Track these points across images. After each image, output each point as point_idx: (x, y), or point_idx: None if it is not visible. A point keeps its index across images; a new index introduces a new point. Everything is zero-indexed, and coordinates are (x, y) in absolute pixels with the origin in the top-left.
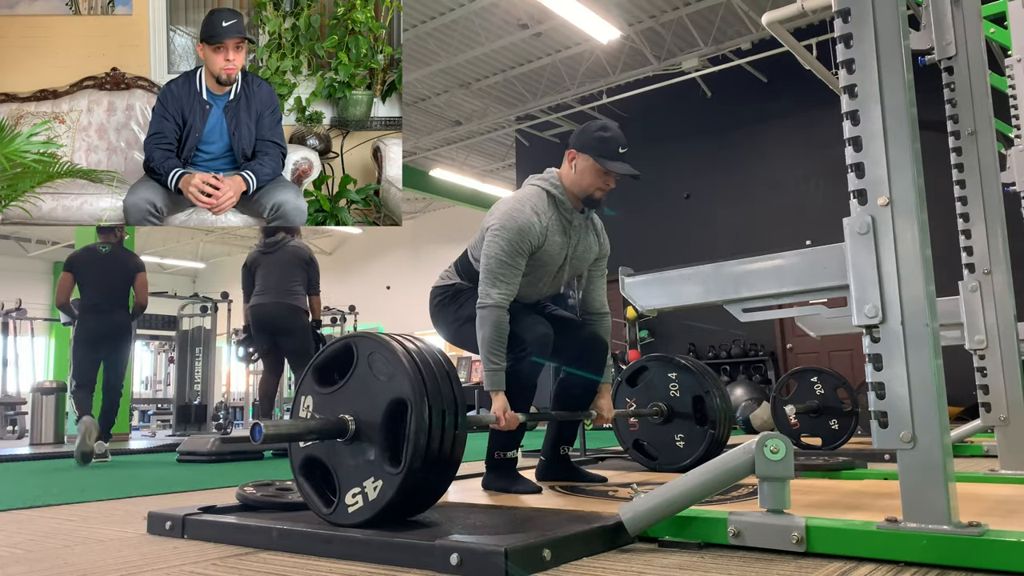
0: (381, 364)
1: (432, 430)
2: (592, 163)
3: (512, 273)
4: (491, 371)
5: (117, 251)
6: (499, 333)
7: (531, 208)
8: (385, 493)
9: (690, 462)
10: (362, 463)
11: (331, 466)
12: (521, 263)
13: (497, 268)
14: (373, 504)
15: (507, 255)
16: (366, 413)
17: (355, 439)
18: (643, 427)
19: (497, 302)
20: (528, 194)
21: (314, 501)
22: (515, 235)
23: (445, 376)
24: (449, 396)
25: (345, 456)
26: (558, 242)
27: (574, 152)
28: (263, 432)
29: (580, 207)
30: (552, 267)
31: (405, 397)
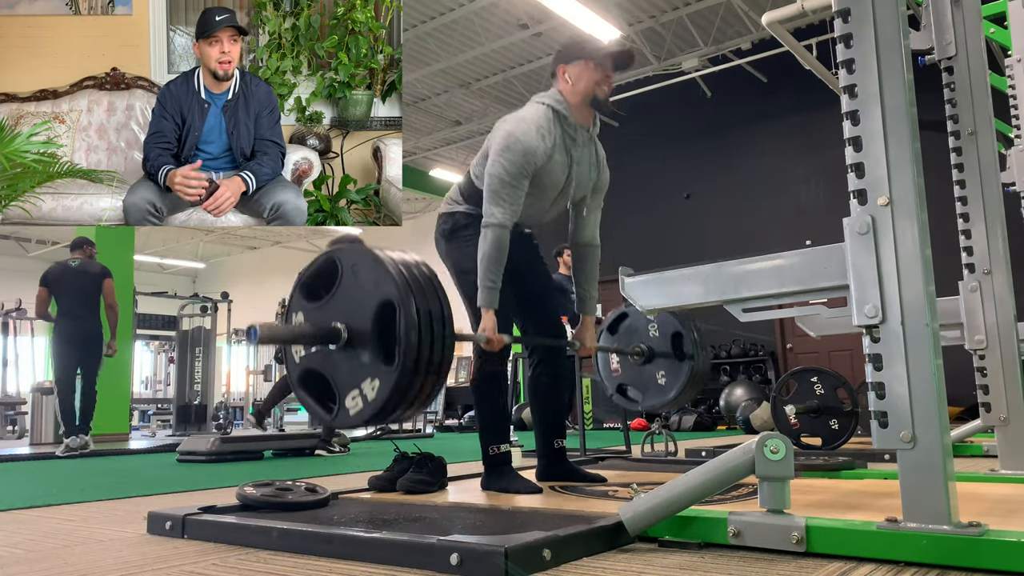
0: (366, 272)
1: (421, 327)
2: (583, 64)
3: (515, 193)
4: (487, 288)
5: (86, 264)
6: (499, 252)
7: (536, 128)
8: (383, 391)
9: (673, 396)
10: (357, 367)
11: (328, 375)
12: (524, 183)
13: (501, 188)
14: (373, 403)
15: (511, 176)
16: (356, 320)
17: (348, 345)
18: (625, 371)
19: (500, 222)
20: (533, 114)
21: (316, 409)
22: (519, 156)
23: (428, 279)
24: (434, 296)
25: (340, 363)
26: (560, 161)
27: (563, 66)
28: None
29: (587, 121)
30: (555, 187)
31: (392, 299)
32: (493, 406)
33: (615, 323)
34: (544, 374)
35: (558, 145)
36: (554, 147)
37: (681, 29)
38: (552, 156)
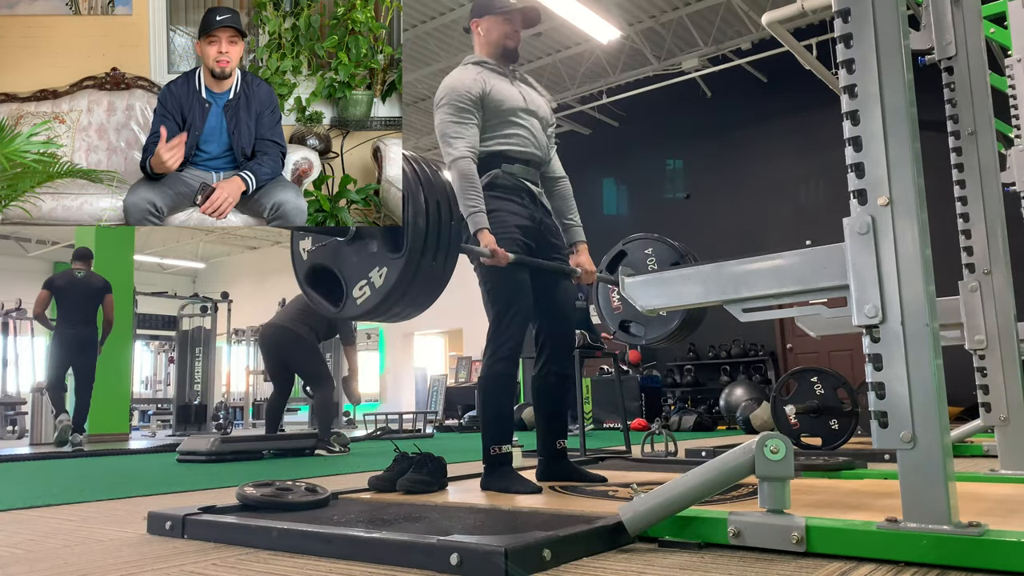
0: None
1: (429, 214)
2: (492, 19)
3: (463, 127)
4: (472, 213)
5: (90, 276)
6: (468, 180)
7: (459, 73)
8: (390, 278)
9: (675, 326)
10: (365, 257)
11: (336, 268)
12: (471, 117)
13: (448, 130)
14: (380, 290)
15: (452, 114)
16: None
17: (356, 238)
18: (626, 308)
19: (457, 155)
20: (455, 70)
21: (323, 304)
22: (452, 95)
23: (438, 179)
24: (441, 187)
25: (348, 255)
26: (506, 87)
27: (474, 21)
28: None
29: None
30: (517, 107)
31: (403, 191)
32: (498, 406)
33: (614, 261)
34: (551, 374)
35: (494, 79)
36: (487, 80)
37: (681, 29)
38: (490, 84)
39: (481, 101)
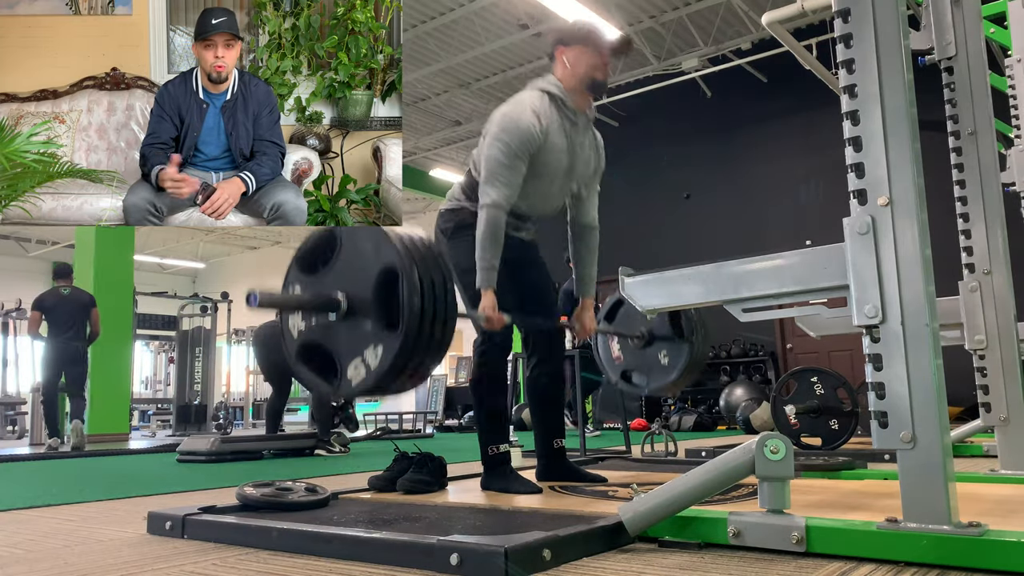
0: (366, 243)
1: (424, 292)
2: (581, 48)
3: (512, 175)
4: (484, 268)
5: (75, 292)
6: (496, 232)
7: (531, 109)
8: (386, 358)
9: (677, 375)
10: (359, 336)
11: (328, 346)
12: (521, 166)
13: (497, 169)
14: (376, 371)
15: (506, 157)
16: (357, 289)
17: (348, 315)
18: (627, 358)
19: (495, 201)
20: (527, 96)
21: (316, 383)
22: (514, 136)
23: (429, 252)
24: (434, 263)
25: (341, 333)
26: (559, 145)
27: (562, 48)
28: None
29: (584, 106)
30: (558, 171)
31: (395, 265)
32: (492, 406)
33: (612, 310)
34: (543, 374)
35: (555, 128)
36: (550, 129)
37: (681, 29)
38: (549, 138)
39: (535, 153)
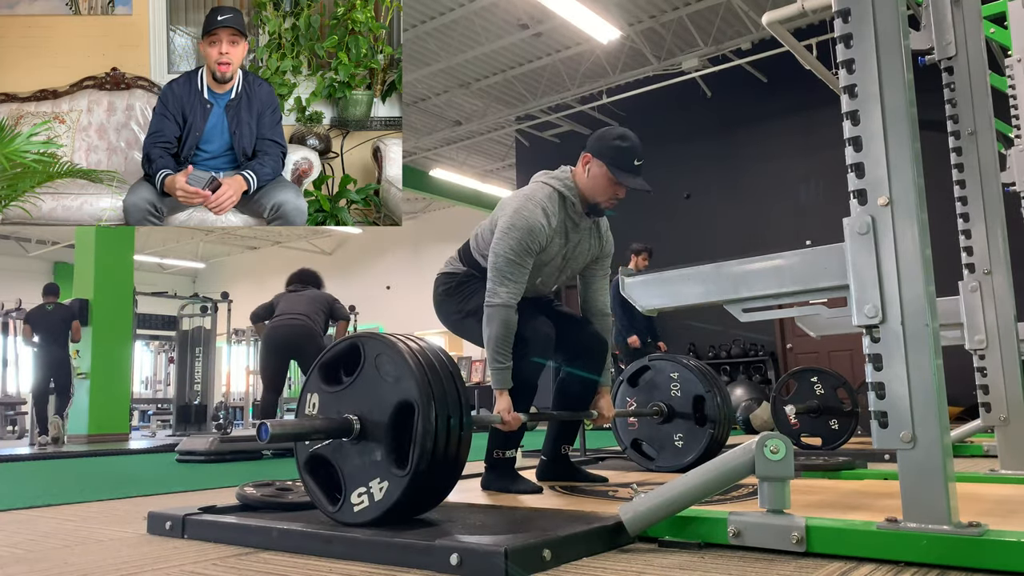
0: (388, 366)
1: (438, 433)
2: (605, 171)
3: (520, 272)
4: (497, 369)
5: (58, 308)
6: (507, 331)
7: (542, 209)
8: (391, 494)
9: (689, 461)
10: (368, 463)
11: (337, 465)
12: (529, 262)
13: (506, 267)
14: (379, 505)
15: (516, 254)
16: (372, 414)
17: (361, 439)
18: (642, 426)
19: (505, 301)
20: (540, 194)
21: (320, 499)
22: (525, 235)
23: (450, 378)
24: (455, 399)
25: (351, 455)
26: (558, 243)
27: (589, 156)
28: (269, 431)
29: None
30: (550, 266)
31: (412, 400)
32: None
33: (635, 376)
34: (576, 382)
35: (559, 228)
36: (556, 229)
37: (681, 29)
38: (552, 240)
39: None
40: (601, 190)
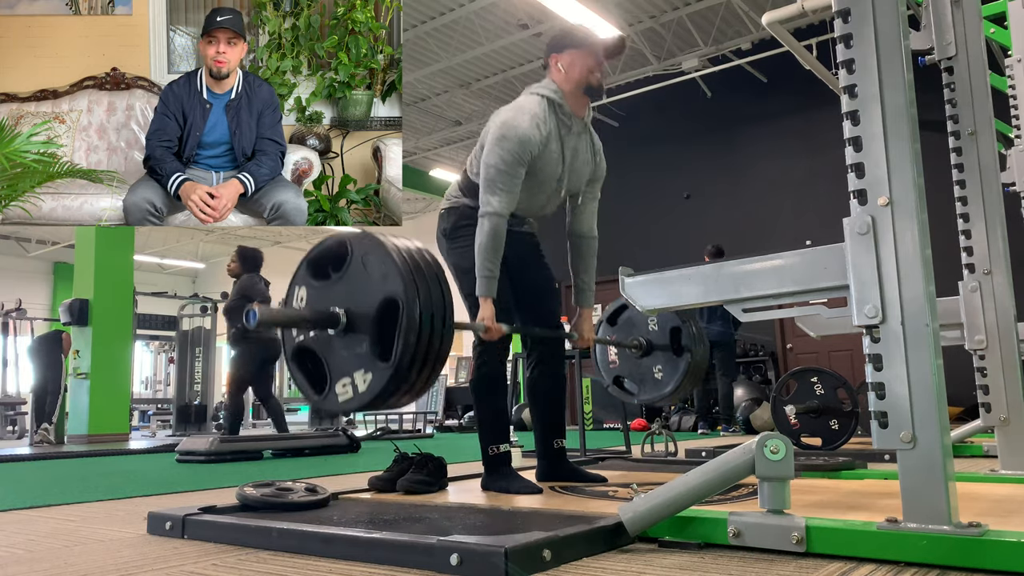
0: (375, 264)
1: (422, 329)
2: (575, 52)
3: (512, 182)
4: (485, 277)
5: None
6: (496, 241)
7: (531, 116)
8: (374, 386)
9: (669, 390)
10: (352, 355)
11: (323, 356)
12: (520, 172)
13: (497, 177)
14: (362, 396)
15: (507, 164)
16: (358, 308)
17: (347, 331)
18: (623, 363)
19: (496, 210)
20: (527, 103)
21: (306, 388)
22: (515, 144)
23: (435, 279)
24: (439, 298)
25: (337, 347)
26: (555, 151)
27: (555, 56)
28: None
29: (581, 110)
30: (552, 178)
31: (397, 297)
32: (492, 406)
33: (614, 315)
34: (543, 375)
35: (553, 135)
36: (549, 136)
37: (681, 29)
38: (547, 145)
39: (532, 160)
40: (582, 72)
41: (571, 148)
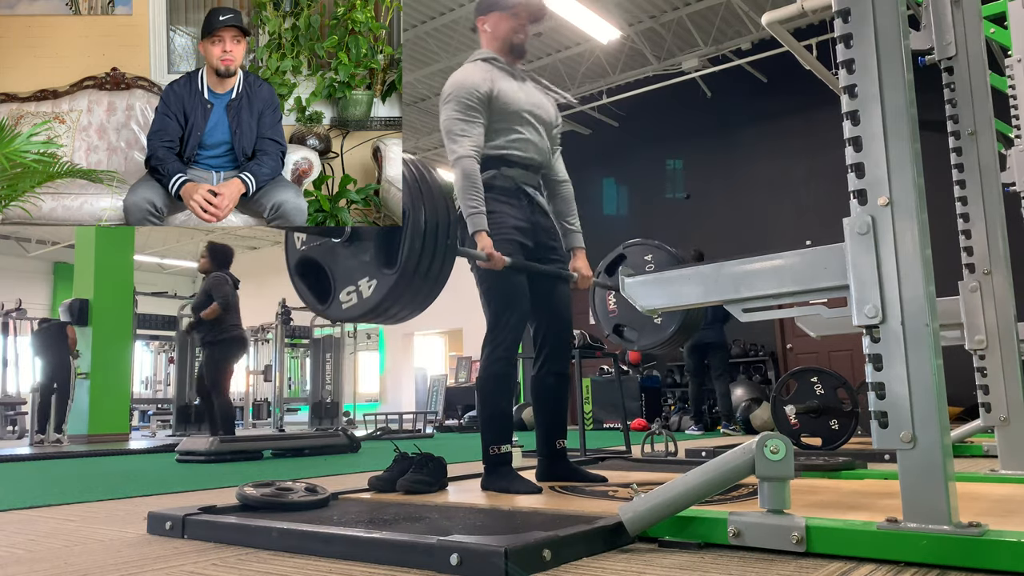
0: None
1: (426, 236)
2: (498, 15)
3: (470, 126)
4: (471, 214)
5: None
6: (471, 180)
7: (470, 68)
8: (379, 291)
9: (668, 335)
10: (357, 264)
11: (327, 267)
12: (478, 117)
13: (454, 127)
14: (366, 301)
15: (459, 112)
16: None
17: (352, 240)
18: (622, 312)
19: (462, 154)
20: (465, 65)
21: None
22: (459, 91)
23: (440, 191)
24: (443, 208)
25: (342, 257)
26: (513, 88)
27: (481, 18)
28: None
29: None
30: (523, 109)
31: (403, 204)
32: (497, 406)
33: (613, 264)
34: (549, 374)
35: (500, 78)
36: (494, 78)
37: (681, 29)
38: (496, 83)
39: (488, 100)
40: (507, 31)
41: (526, 85)
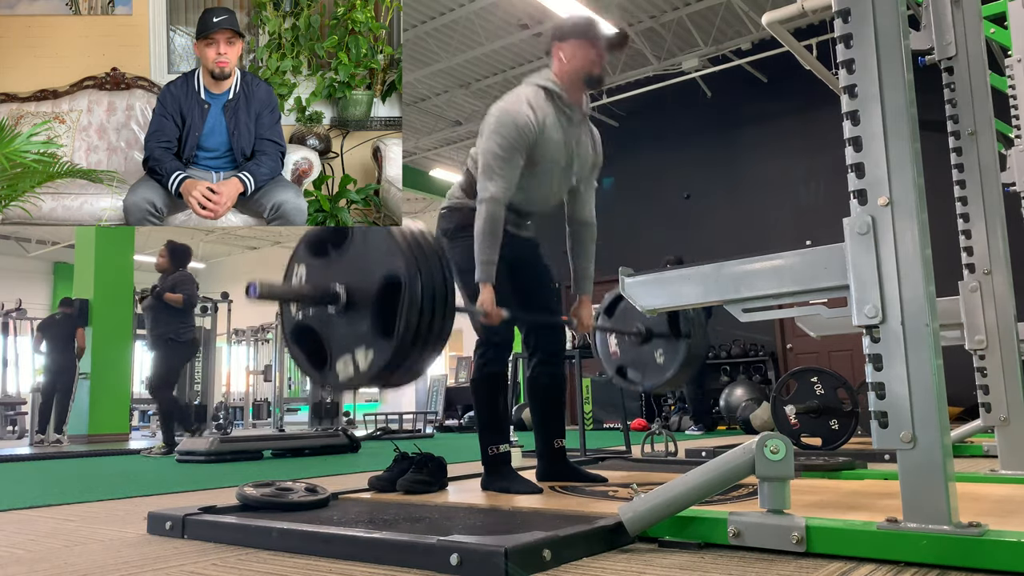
0: (376, 239)
1: (423, 306)
2: (577, 43)
3: (509, 168)
4: (483, 263)
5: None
6: (494, 226)
7: (526, 102)
8: (375, 364)
9: (671, 375)
10: (353, 333)
11: (322, 334)
12: (518, 159)
13: (493, 162)
14: (365, 372)
15: (503, 149)
16: (359, 286)
17: (346, 309)
18: (624, 354)
19: (493, 195)
20: (523, 91)
21: (306, 367)
22: (510, 129)
23: (436, 259)
24: (440, 278)
25: (336, 325)
26: (556, 139)
27: (557, 44)
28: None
29: (580, 100)
30: (556, 166)
31: (400, 275)
32: (493, 406)
33: (612, 305)
34: (543, 375)
35: (551, 122)
36: (546, 123)
37: (681, 29)
38: (545, 131)
39: (532, 145)
40: (584, 63)
41: (574, 138)
